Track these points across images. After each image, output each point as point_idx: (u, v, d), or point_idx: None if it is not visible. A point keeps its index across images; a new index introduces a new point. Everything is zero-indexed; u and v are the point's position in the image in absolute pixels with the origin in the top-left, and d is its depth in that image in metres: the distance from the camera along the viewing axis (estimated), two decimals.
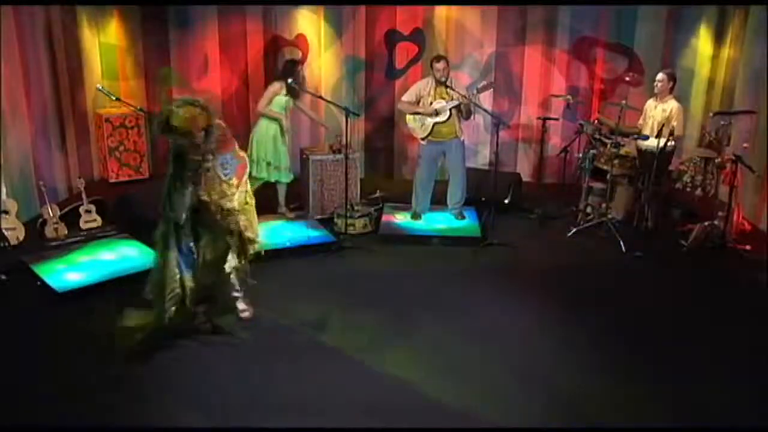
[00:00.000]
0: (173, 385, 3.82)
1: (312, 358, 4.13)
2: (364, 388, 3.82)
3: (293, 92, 6.16)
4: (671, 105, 6.03)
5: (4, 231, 5.49)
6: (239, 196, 4.10)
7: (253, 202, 4.26)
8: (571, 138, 6.89)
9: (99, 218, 6.18)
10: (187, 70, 7.74)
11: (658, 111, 6.10)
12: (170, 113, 3.83)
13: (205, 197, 3.96)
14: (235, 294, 4.36)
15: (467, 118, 6.29)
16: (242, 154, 4.22)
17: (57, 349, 4.15)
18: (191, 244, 4.06)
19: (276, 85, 6.15)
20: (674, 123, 5.88)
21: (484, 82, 6.44)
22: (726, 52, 7.08)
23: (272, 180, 6.28)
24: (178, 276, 4.02)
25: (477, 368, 4.03)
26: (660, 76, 6.11)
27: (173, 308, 4.01)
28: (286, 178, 6.34)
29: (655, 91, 6.14)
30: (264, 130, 6.15)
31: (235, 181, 4.08)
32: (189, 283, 4.05)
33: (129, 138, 7.59)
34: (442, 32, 7.69)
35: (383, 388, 3.82)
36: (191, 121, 3.82)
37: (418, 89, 6.26)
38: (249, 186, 4.26)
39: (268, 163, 6.16)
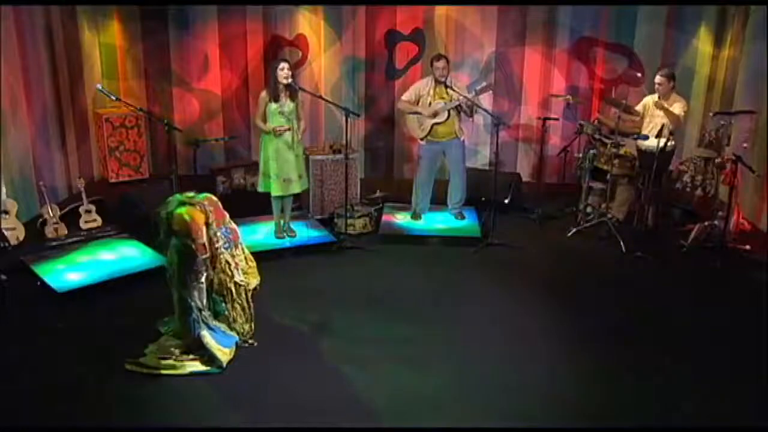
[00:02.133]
0: (172, 384, 3.82)
1: (311, 357, 4.13)
2: (363, 388, 3.81)
3: (288, 95, 5.63)
4: (676, 102, 6.00)
5: (4, 231, 5.50)
6: (241, 263, 4.18)
7: (254, 264, 4.32)
8: (571, 138, 6.89)
9: (99, 218, 6.18)
10: (187, 70, 7.75)
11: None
12: (170, 218, 3.85)
13: (215, 277, 4.07)
14: None
15: (471, 115, 6.28)
16: (233, 225, 4.21)
17: (57, 349, 4.15)
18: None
19: (261, 95, 5.69)
20: (677, 106, 5.88)
21: (484, 84, 6.44)
22: (726, 52, 7.09)
23: (284, 194, 5.81)
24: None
25: (477, 368, 4.03)
26: (658, 78, 6.05)
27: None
28: (298, 188, 5.89)
29: (658, 95, 6.10)
30: (264, 143, 5.72)
31: (235, 251, 4.15)
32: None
33: (129, 138, 7.61)
34: (442, 32, 7.69)
35: (383, 387, 3.82)
36: (191, 223, 3.83)
37: (418, 89, 6.25)
38: (245, 249, 4.30)
39: (276, 176, 5.69)
